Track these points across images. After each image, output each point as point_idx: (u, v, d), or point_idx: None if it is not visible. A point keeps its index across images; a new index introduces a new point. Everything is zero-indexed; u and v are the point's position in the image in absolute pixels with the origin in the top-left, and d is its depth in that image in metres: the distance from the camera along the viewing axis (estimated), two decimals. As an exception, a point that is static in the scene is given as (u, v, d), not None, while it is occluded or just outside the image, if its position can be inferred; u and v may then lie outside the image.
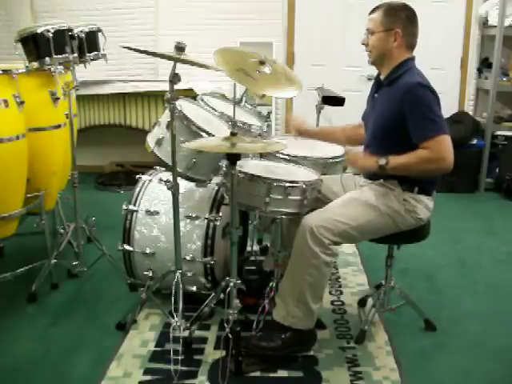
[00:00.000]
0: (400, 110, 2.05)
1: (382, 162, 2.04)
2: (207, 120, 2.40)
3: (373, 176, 2.23)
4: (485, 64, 4.83)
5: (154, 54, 2.12)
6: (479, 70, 4.88)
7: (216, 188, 2.55)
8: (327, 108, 3.06)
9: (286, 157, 2.48)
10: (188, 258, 2.43)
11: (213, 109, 2.57)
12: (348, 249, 3.34)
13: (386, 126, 2.15)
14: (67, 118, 2.66)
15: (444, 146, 1.99)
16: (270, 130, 3.54)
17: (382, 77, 2.24)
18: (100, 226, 2.95)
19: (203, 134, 2.21)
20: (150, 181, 2.62)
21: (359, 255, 3.30)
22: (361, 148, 2.33)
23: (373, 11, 2.20)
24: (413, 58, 2.20)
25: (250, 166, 2.26)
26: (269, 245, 3.03)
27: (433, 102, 2.04)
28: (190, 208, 2.50)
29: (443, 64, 4.79)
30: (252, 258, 3.00)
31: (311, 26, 4.90)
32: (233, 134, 1.98)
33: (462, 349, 2.30)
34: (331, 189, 2.36)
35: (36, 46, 2.51)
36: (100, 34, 2.87)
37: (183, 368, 2.08)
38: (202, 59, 2.03)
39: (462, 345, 2.33)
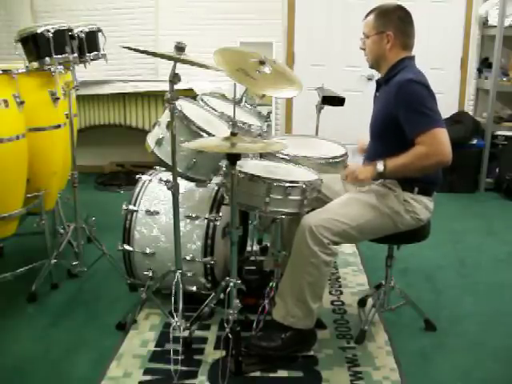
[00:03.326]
0: (394, 108, 2.06)
1: (380, 167, 2.04)
2: (207, 120, 2.40)
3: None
4: (485, 64, 4.83)
5: (154, 54, 2.12)
6: (479, 70, 4.88)
7: (216, 188, 2.55)
8: (327, 108, 3.06)
9: (286, 157, 2.48)
10: (188, 257, 2.43)
11: (213, 109, 2.57)
12: (348, 249, 3.34)
13: (382, 124, 2.16)
14: (67, 118, 2.65)
15: (440, 139, 1.97)
16: (270, 130, 3.54)
17: (380, 77, 2.26)
18: (100, 226, 2.95)
19: (203, 134, 2.21)
20: (150, 181, 2.62)
21: (359, 255, 3.30)
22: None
23: (367, 15, 2.23)
24: (411, 58, 2.20)
25: (249, 166, 2.26)
26: (269, 245, 3.03)
27: (426, 96, 2.02)
28: (190, 208, 2.50)
29: (443, 64, 4.79)
30: (252, 258, 3.00)
31: (311, 26, 4.90)
32: (233, 134, 1.98)
33: (462, 349, 2.30)
34: (333, 188, 2.36)
35: (36, 46, 2.51)
36: (100, 33, 2.87)
37: (183, 368, 2.08)
38: (202, 59, 2.03)
39: (462, 345, 2.33)
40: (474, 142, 4.65)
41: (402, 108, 2.03)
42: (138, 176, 2.67)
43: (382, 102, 2.18)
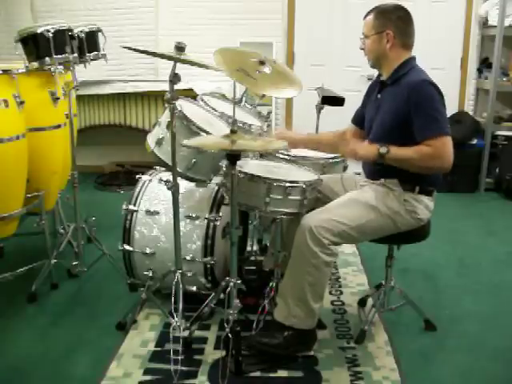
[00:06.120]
0: (406, 107, 2.06)
1: (383, 150, 2.04)
2: (207, 120, 2.40)
3: (374, 175, 2.23)
4: (485, 64, 4.83)
5: (153, 54, 2.12)
6: (479, 70, 4.88)
7: (216, 188, 2.55)
8: (327, 108, 3.06)
9: (286, 157, 2.48)
10: (188, 257, 2.43)
11: (213, 109, 2.57)
12: (348, 249, 3.34)
13: (392, 123, 2.14)
14: (67, 118, 2.66)
15: (446, 146, 2.00)
16: (269, 130, 3.54)
17: (384, 77, 2.25)
18: (100, 226, 2.95)
19: (203, 134, 2.21)
20: (150, 181, 2.62)
21: (359, 255, 3.30)
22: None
23: (366, 15, 2.23)
24: (414, 58, 2.21)
25: (249, 165, 2.26)
26: (268, 245, 3.03)
27: (438, 99, 2.04)
28: (190, 208, 2.50)
29: (443, 64, 4.79)
30: (252, 258, 3.00)
31: (311, 26, 4.90)
32: (232, 132, 1.98)
33: (461, 349, 2.30)
34: (332, 189, 2.36)
35: (36, 46, 2.51)
36: (100, 33, 2.87)
37: (183, 368, 2.07)
38: (202, 59, 2.03)
39: (461, 345, 2.33)
40: (474, 142, 4.65)
41: (414, 108, 2.03)
42: (138, 176, 2.67)
43: (391, 102, 2.16)
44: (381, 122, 2.22)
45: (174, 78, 2.01)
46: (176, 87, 2.04)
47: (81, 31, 2.68)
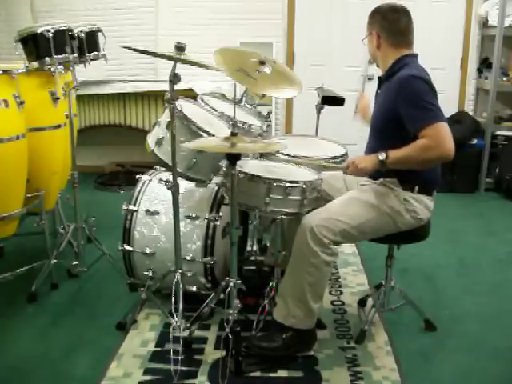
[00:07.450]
0: (395, 103, 2.06)
1: (382, 156, 2.03)
2: (207, 120, 2.40)
3: (374, 175, 2.23)
4: (485, 64, 4.83)
5: (154, 54, 2.12)
6: (479, 70, 4.88)
7: (216, 188, 2.55)
8: (327, 108, 3.06)
9: (286, 157, 2.48)
10: (188, 257, 2.43)
11: (213, 109, 2.57)
12: (348, 249, 3.34)
13: (382, 119, 2.17)
14: (67, 118, 2.65)
15: (442, 133, 1.96)
16: (270, 130, 3.54)
17: (381, 74, 2.28)
18: (100, 226, 2.95)
19: (203, 134, 2.21)
20: (150, 181, 2.62)
21: (359, 255, 3.30)
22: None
23: None
24: (413, 55, 2.20)
25: (249, 165, 2.26)
26: (268, 245, 3.03)
27: (426, 91, 2.02)
28: (190, 208, 2.50)
29: (443, 64, 4.79)
30: (252, 258, 2.99)
31: (311, 26, 4.90)
32: (233, 134, 1.98)
33: (461, 349, 2.30)
34: (334, 186, 2.37)
35: (36, 46, 2.51)
36: (100, 33, 2.87)
37: (183, 368, 2.08)
38: (202, 59, 2.03)
39: (461, 345, 2.33)
40: (474, 142, 4.65)
41: (403, 103, 2.03)
42: (138, 176, 2.67)
43: (383, 98, 2.19)
44: (376, 117, 2.25)
45: (174, 78, 2.01)
46: (176, 87, 2.04)
47: (81, 31, 2.68)
